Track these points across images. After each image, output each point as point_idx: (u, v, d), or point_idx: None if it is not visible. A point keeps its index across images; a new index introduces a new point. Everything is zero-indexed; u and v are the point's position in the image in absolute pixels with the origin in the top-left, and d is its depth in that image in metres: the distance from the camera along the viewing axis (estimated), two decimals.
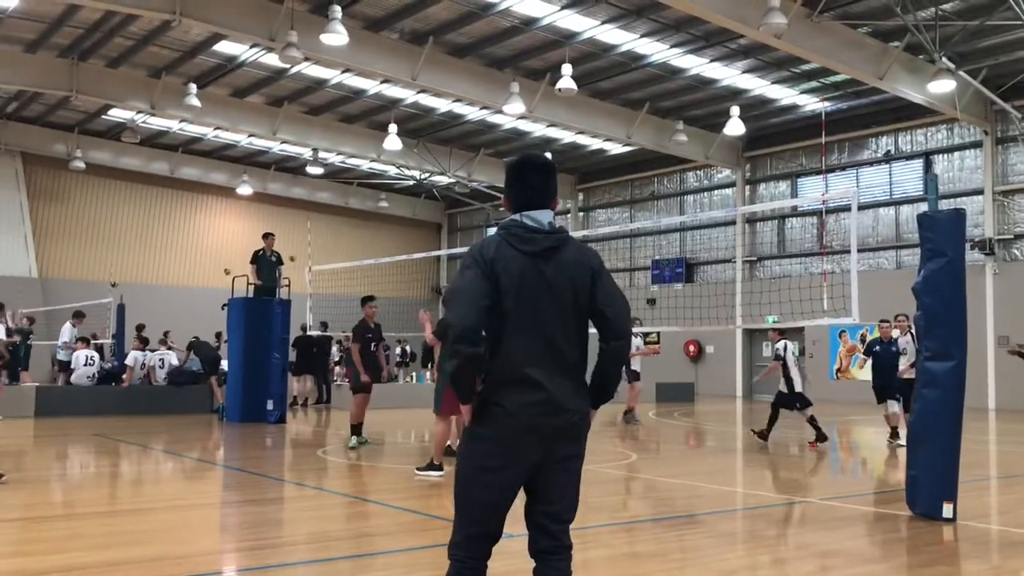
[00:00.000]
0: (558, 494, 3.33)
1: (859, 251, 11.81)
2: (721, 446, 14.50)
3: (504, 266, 3.25)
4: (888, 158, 26.35)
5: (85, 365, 18.53)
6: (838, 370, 26.60)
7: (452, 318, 3.17)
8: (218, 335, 20.87)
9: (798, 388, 13.36)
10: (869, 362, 14.13)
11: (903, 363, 13.14)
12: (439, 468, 9.66)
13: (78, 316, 20.54)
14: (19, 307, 19.17)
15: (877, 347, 13.89)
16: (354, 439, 12.34)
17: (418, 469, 9.83)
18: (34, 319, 17.34)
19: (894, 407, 13.59)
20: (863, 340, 13.77)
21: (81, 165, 29.42)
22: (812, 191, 27.75)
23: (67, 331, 20.20)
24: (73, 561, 5.73)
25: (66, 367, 19.51)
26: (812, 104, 25.53)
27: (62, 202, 31.30)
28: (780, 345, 13.53)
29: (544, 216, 3.38)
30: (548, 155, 3.55)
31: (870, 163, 26.83)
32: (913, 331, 12.97)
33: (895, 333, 13.61)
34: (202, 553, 6.23)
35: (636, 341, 17.25)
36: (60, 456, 12.34)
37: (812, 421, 13.17)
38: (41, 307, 26.03)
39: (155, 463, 11.72)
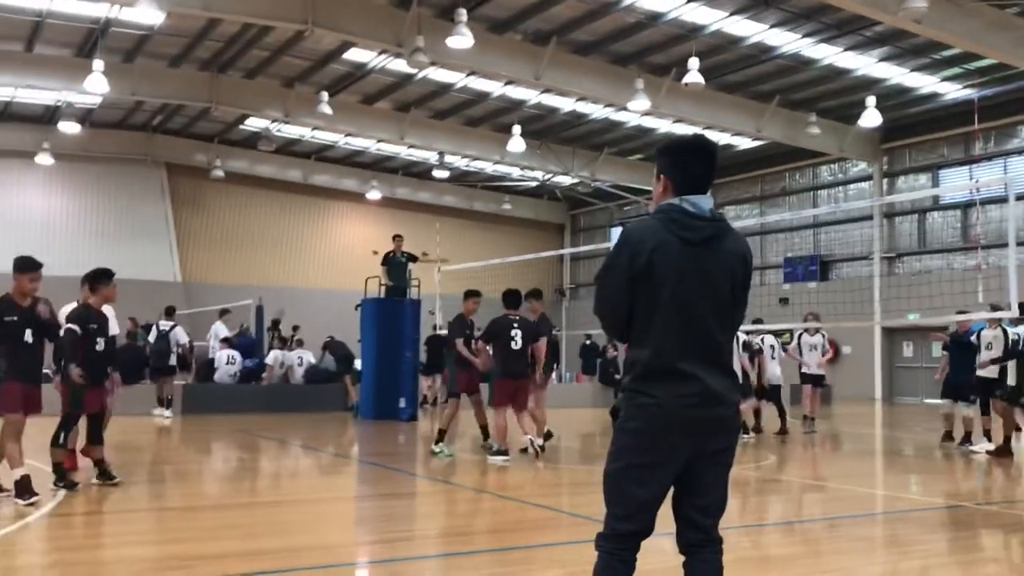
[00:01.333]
0: (709, 487, 3.24)
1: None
2: (860, 448, 13.96)
3: (661, 255, 3.14)
4: None
5: (227, 364, 19.35)
6: None
7: (603, 327, 3.38)
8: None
9: (774, 381, 14.35)
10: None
11: (984, 357, 12.16)
12: (504, 453, 10.38)
13: (224, 313, 21.44)
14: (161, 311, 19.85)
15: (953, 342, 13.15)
16: (437, 446, 11.18)
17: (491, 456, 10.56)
18: (135, 319, 18.81)
19: (966, 410, 12.66)
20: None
21: (221, 174, 30.80)
22: (955, 183, 26.40)
23: (222, 328, 21.07)
24: (226, 548, 5.97)
25: (209, 367, 20.21)
26: (954, 92, 24.28)
27: (203, 209, 32.81)
28: (758, 339, 14.30)
29: (705, 202, 3.22)
30: None
31: (1020, 152, 25.31)
32: (1004, 326, 11.99)
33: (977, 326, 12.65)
34: (341, 544, 6.39)
35: (817, 338, 14.91)
36: (208, 451, 12.94)
37: (757, 414, 14.21)
38: (185, 310, 27.33)
39: (294, 458, 12.14)
